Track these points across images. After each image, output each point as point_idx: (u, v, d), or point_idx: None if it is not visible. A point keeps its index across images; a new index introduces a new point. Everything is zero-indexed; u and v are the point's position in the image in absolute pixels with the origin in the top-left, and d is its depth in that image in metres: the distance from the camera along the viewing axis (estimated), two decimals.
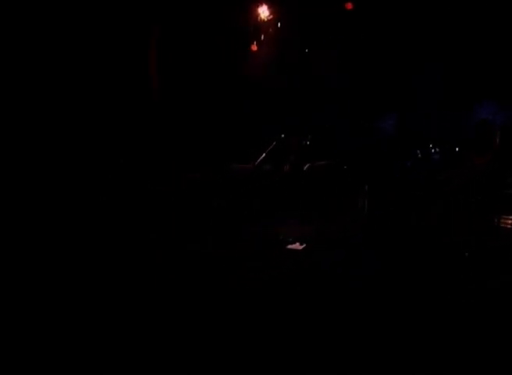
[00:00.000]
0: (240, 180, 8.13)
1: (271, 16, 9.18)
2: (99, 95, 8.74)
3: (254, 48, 9.54)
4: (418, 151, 7.64)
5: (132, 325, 3.68)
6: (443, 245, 5.46)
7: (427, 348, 3.34)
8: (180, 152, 8.80)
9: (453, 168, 6.62)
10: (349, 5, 8.25)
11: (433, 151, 7.80)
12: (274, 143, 8.77)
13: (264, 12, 9.20)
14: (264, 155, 8.55)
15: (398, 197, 6.90)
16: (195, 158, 8.67)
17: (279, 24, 9.26)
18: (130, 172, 8.39)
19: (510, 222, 5.47)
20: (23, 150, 7.82)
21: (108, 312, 3.92)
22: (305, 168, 8.26)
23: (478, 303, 4.05)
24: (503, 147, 6.05)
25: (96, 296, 4.22)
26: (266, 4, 9.14)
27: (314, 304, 4.14)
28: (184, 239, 6.06)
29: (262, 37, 9.46)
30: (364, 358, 3.22)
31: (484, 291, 4.33)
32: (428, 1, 8.38)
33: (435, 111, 8.52)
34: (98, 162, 8.46)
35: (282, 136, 8.79)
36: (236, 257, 5.42)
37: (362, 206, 6.80)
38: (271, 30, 9.38)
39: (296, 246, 5.85)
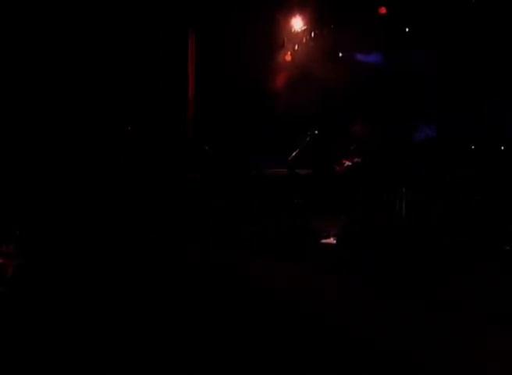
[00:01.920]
0: (276, 183, 8.17)
1: (305, 27, 9.35)
2: (106, 97, 8.91)
3: (288, 58, 9.67)
4: None
5: (132, 325, 3.68)
6: (444, 245, 5.47)
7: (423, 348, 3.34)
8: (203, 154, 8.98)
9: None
10: (383, 10, 8.44)
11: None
12: (307, 138, 8.78)
13: (297, 23, 9.36)
14: (297, 150, 8.59)
15: (398, 197, 6.91)
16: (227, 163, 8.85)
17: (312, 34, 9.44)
18: (130, 172, 8.40)
19: None
20: (24, 150, 7.85)
21: (108, 311, 3.92)
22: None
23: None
24: None
25: (96, 296, 4.22)
26: (299, 15, 9.28)
27: (314, 304, 4.14)
28: (184, 239, 6.06)
29: (296, 47, 9.63)
30: (363, 359, 3.22)
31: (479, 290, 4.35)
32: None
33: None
34: (98, 162, 8.47)
35: (316, 132, 8.81)
36: (236, 257, 5.42)
37: (400, 208, 6.76)
38: (304, 40, 9.53)
39: (330, 240, 5.89)
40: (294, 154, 8.56)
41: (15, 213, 6.25)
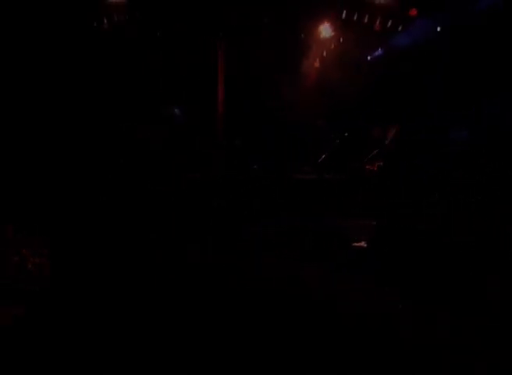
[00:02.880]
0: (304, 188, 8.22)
1: (333, 33, 9.49)
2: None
3: (317, 64, 9.78)
4: None
5: (132, 325, 3.68)
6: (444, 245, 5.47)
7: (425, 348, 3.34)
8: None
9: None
10: (413, 11, 8.69)
11: None
12: (337, 141, 8.86)
13: (326, 29, 9.47)
14: (326, 153, 8.67)
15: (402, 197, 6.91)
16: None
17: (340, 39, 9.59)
18: (130, 172, 8.42)
19: None
20: (25, 150, 7.89)
21: (108, 311, 3.92)
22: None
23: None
24: None
25: (96, 295, 4.22)
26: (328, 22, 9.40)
27: (314, 304, 4.14)
28: (184, 239, 6.06)
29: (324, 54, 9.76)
30: (363, 358, 3.22)
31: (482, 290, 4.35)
32: None
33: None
34: (98, 162, 8.49)
35: (346, 134, 8.91)
36: (236, 257, 5.42)
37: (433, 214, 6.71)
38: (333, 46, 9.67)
39: (362, 244, 5.91)
40: (324, 157, 8.66)
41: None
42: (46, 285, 4.36)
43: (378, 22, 8.99)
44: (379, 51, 9.82)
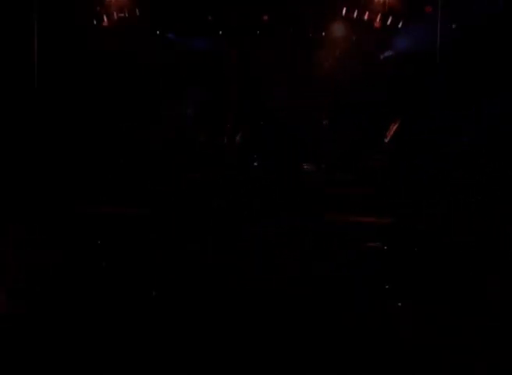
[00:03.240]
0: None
1: (338, 33, 9.67)
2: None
3: (320, 64, 9.92)
4: None
5: (132, 324, 3.68)
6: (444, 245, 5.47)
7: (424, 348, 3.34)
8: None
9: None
10: (428, 8, 8.78)
11: None
12: (349, 141, 8.93)
13: (330, 29, 9.56)
14: (338, 153, 8.75)
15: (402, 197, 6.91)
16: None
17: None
18: (130, 172, 8.43)
19: None
20: (26, 151, 7.91)
21: (108, 311, 3.92)
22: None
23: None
24: None
25: (96, 295, 4.22)
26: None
27: (314, 304, 4.14)
28: (184, 239, 6.06)
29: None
30: (363, 358, 3.22)
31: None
32: None
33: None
34: (99, 162, 8.50)
35: (357, 134, 8.98)
36: (236, 257, 5.42)
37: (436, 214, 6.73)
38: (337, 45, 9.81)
39: (377, 245, 5.93)
40: (335, 156, 8.72)
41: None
42: (46, 285, 4.36)
43: (378, 20, 9.01)
44: (384, 52, 9.84)
